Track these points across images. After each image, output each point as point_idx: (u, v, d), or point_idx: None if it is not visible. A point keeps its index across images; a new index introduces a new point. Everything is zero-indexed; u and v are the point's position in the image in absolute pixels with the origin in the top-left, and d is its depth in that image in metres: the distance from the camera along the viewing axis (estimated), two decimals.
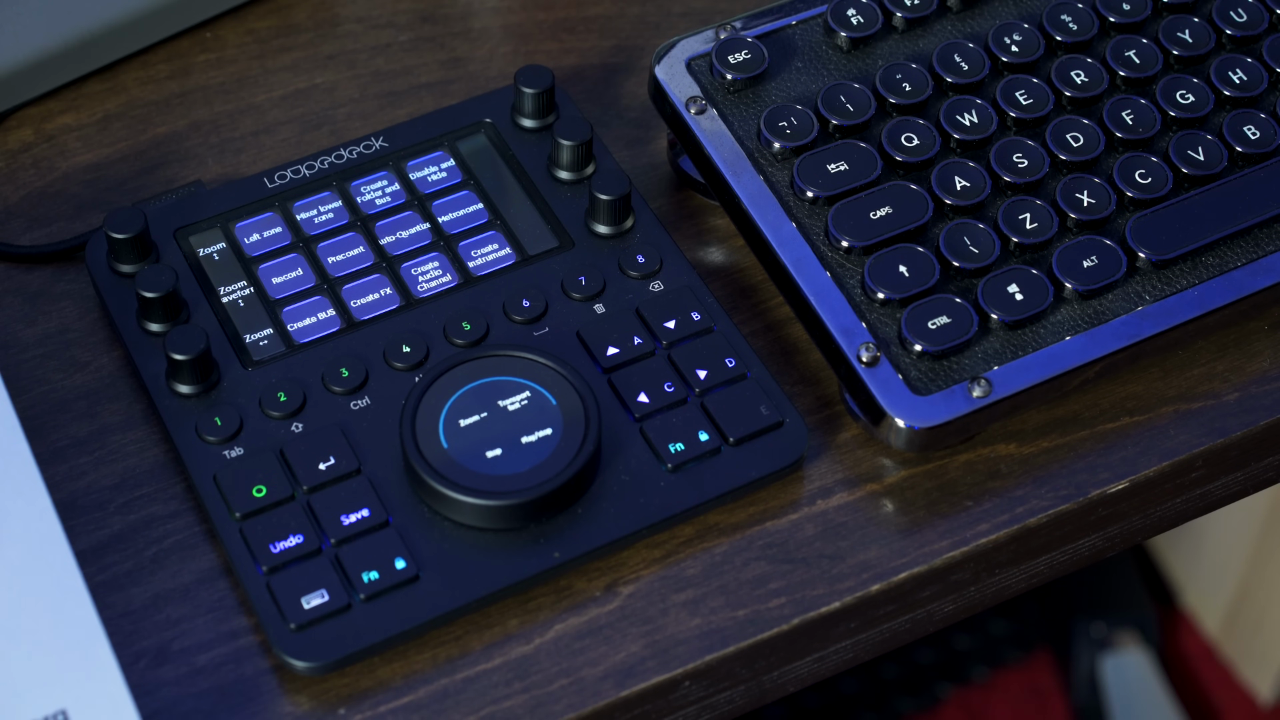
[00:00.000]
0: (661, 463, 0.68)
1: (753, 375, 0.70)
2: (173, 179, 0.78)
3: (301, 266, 0.73)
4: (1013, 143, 0.73)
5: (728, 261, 0.76)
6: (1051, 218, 0.71)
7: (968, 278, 0.70)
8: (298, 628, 0.64)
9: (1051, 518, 0.69)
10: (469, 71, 0.83)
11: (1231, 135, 0.74)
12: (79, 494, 0.69)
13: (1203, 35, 0.76)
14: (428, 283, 0.73)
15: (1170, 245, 0.71)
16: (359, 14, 0.85)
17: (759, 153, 0.73)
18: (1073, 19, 0.76)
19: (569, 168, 0.75)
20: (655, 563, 0.67)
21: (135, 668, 0.64)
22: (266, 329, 0.71)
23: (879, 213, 0.71)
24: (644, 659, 0.65)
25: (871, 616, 0.68)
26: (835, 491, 0.69)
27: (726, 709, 0.68)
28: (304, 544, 0.65)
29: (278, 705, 0.64)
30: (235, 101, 0.81)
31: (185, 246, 0.74)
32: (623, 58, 0.83)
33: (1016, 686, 1.45)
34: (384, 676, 0.64)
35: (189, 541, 0.68)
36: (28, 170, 0.79)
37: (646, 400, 0.69)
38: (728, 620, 0.66)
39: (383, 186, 0.76)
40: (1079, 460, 0.70)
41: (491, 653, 0.65)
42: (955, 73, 0.75)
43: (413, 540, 0.66)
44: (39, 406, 0.71)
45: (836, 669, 0.69)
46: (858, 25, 0.76)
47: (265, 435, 0.68)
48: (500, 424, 0.67)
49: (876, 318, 0.69)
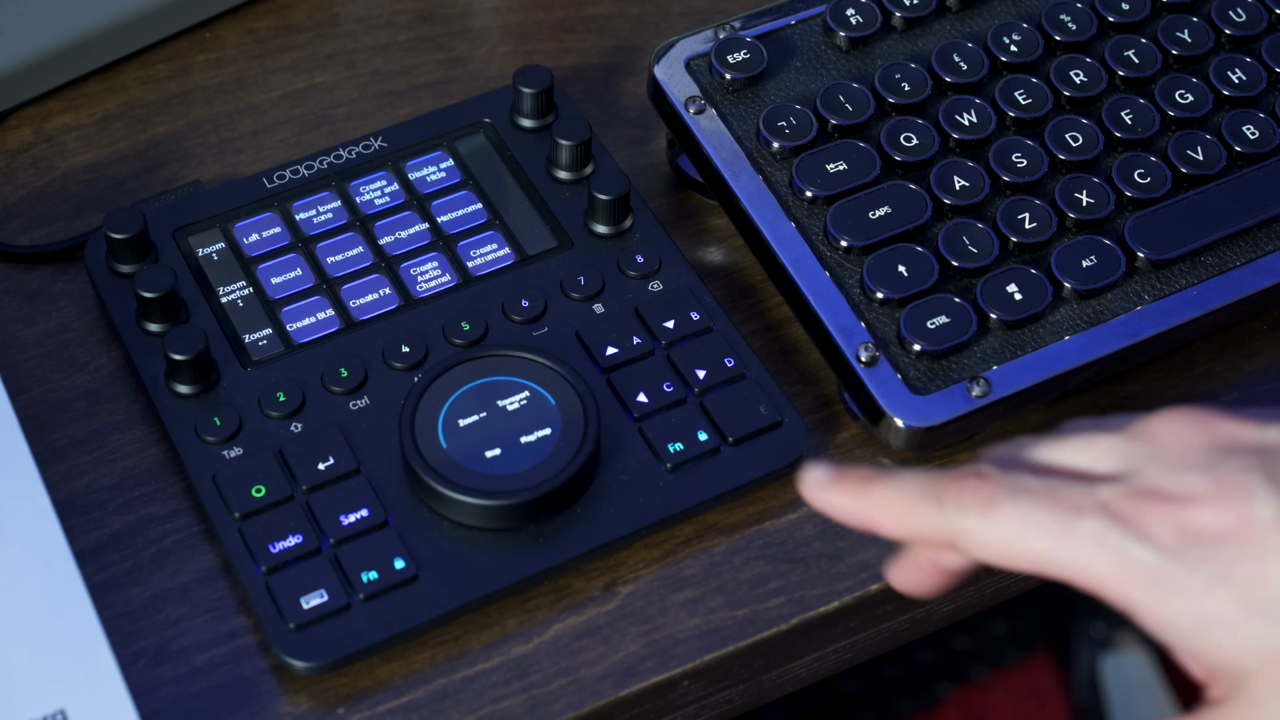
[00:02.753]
0: (661, 463, 0.68)
1: (752, 375, 0.70)
2: (172, 179, 0.78)
3: (301, 266, 0.73)
4: (1012, 142, 0.73)
5: (727, 261, 0.76)
6: (1050, 217, 0.71)
7: (967, 277, 0.70)
8: (297, 628, 0.64)
9: None
10: (468, 71, 0.83)
11: (1230, 135, 0.74)
12: (78, 494, 0.69)
13: (1202, 35, 0.76)
14: (427, 283, 0.73)
15: (1169, 245, 0.71)
16: (358, 14, 0.85)
17: (758, 152, 0.73)
18: (1072, 19, 0.76)
19: (568, 168, 0.75)
20: (654, 562, 0.67)
21: (134, 667, 0.64)
22: (266, 329, 0.71)
23: (878, 212, 0.71)
24: (643, 659, 0.65)
25: (870, 616, 0.68)
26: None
27: (725, 709, 0.68)
28: (303, 544, 0.65)
29: (277, 705, 0.64)
30: (234, 101, 0.81)
31: (184, 246, 0.74)
32: (622, 58, 0.83)
33: (1016, 686, 1.44)
34: (383, 676, 0.64)
35: (188, 541, 0.68)
36: (27, 170, 0.79)
37: (646, 400, 0.69)
38: (727, 620, 0.66)
39: (382, 186, 0.76)
40: None
41: (490, 653, 0.65)
42: (954, 72, 0.75)
43: (412, 540, 0.66)
44: (38, 406, 0.71)
45: (835, 669, 0.69)
46: (857, 25, 0.76)
47: (264, 435, 0.68)
48: (499, 424, 0.67)
49: (875, 317, 0.69)
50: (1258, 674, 0.51)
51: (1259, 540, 0.51)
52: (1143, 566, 0.51)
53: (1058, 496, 0.53)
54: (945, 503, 0.54)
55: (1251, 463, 0.52)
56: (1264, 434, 0.53)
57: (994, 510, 0.53)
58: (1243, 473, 0.52)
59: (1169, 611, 0.51)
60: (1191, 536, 0.51)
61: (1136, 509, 0.52)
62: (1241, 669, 0.51)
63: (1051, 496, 0.53)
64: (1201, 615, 0.51)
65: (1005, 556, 0.53)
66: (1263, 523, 0.51)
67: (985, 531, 0.53)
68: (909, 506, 0.55)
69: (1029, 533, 0.53)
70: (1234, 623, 0.51)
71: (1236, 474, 0.52)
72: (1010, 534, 0.53)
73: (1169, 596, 0.51)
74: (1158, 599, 0.51)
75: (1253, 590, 0.51)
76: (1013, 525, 0.53)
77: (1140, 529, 0.52)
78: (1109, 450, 0.54)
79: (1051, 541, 0.52)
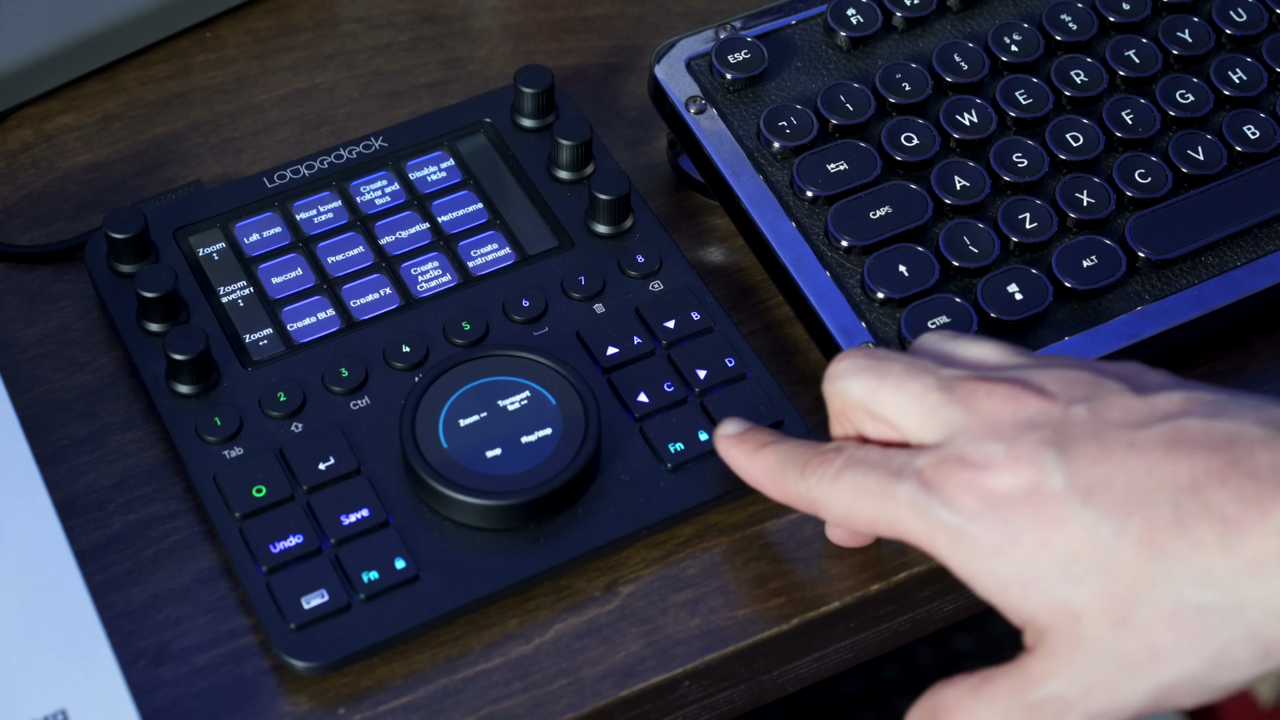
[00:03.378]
0: (661, 463, 0.68)
1: (752, 375, 0.70)
2: (172, 179, 0.78)
3: (301, 266, 0.73)
4: (1012, 142, 0.73)
5: (727, 261, 0.76)
6: (1051, 217, 0.71)
7: (967, 277, 0.70)
8: (297, 628, 0.64)
9: None
10: (469, 71, 0.83)
11: (1231, 135, 0.74)
12: (79, 494, 0.69)
13: (1202, 35, 0.76)
14: (427, 282, 0.73)
15: (1170, 245, 0.71)
16: (359, 14, 0.85)
17: (759, 152, 0.73)
18: (1072, 19, 0.76)
19: (569, 168, 0.75)
20: (655, 563, 0.67)
21: (135, 667, 0.64)
22: (266, 329, 0.71)
23: (879, 212, 0.71)
24: (643, 659, 0.65)
25: (871, 616, 0.68)
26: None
27: (726, 709, 0.68)
28: (304, 544, 0.65)
29: (277, 705, 0.64)
30: (235, 101, 0.81)
31: (185, 246, 0.74)
32: (622, 58, 0.83)
33: None
34: (384, 676, 0.64)
35: (189, 541, 0.68)
36: (27, 170, 0.79)
37: (646, 400, 0.69)
38: (727, 620, 0.66)
39: (382, 186, 0.76)
40: None
41: (491, 653, 0.65)
42: (955, 72, 0.75)
43: (412, 540, 0.66)
44: (39, 406, 0.71)
45: (836, 669, 0.69)
46: (857, 25, 0.76)
47: (265, 435, 0.68)
48: (500, 424, 0.67)
49: (876, 317, 0.69)
50: (1052, 629, 0.56)
51: (1045, 508, 0.56)
52: (946, 527, 0.57)
53: (886, 465, 0.59)
54: (806, 473, 0.61)
55: (1046, 436, 0.56)
56: (1067, 412, 0.57)
57: (838, 479, 0.60)
58: (1038, 446, 0.56)
59: (971, 568, 0.57)
60: (989, 501, 0.56)
61: (943, 475, 0.57)
62: (1039, 624, 0.56)
63: (881, 465, 0.59)
64: (998, 574, 0.56)
65: (846, 519, 0.60)
66: (1050, 492, 0.56)
67: (829, 497, 0.60)
68: (782, 473, 0.62)
69: (859, 498, 0.59)
70: (1026, 582, 0.56)
71: (1032, 447, 0.56)
72: (848, 499, 0.60)
73: (970, 555, 0.57)
74: (962, 558, 0.57)
75: (1041, 553, 0.55)
76: (848, 491, 0.60)
77: (944, 494, 0.57)
78: (934, 412, 0.59)
79: (876, 504, 0.59)
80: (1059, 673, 0.56)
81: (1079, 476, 0.55)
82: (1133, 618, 0.54)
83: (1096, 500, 0.55)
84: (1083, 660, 0.55)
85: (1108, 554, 0.55)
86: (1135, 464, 0.55)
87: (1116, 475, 0.55)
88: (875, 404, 0.60)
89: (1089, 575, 0.55)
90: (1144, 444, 0.55)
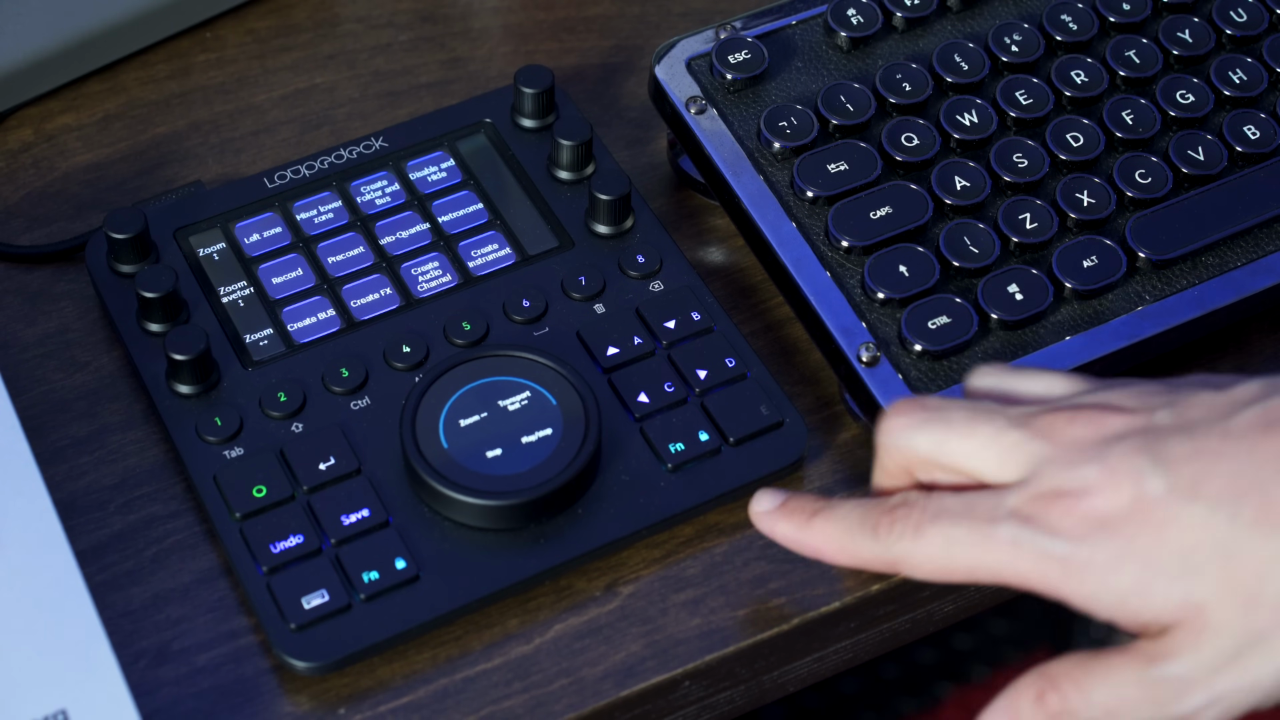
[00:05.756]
0: (661, 463, 0.68)
1: (753, 375, 0.70)
2: (172, 179, 0.78)
3: (301, 266, 0.73)
4: (1013, 142, 0.73)
5: (728, 261, 0.76)
6: (1051, 217, 0.71)
7: (968, 277, 0.70)
8: (298, 628, 0.64)
9: None
10: (469, 71, 0.83)
11: (1231, 135, 0.74)
12: (79, 494, 0.69)
13: (1203, 35, 0.76)
14: (428, 283, 0.73)
15: (1170, 245, 0.71)
16: (359, 14, 0.85)
17: (759, 152, 0.73)
18: (1073, 19, 0.76)
19: (569, 168, 0.75)
20: (655, 563, 0.67)
21: (135, 667, 0.64)
22: (266, 329, 0.71)
23: (879, 212, 0.71)
24: (644, 659, 0.65)
25: (871, 616, 0.68)
26: (835, 491, 0.69)
27: (726, 709, 0.68)
28: (304, 544, 0.65)
29: (278, 705, 0.64)
30: (235, 101, 0.81)
31: (185, 246, 0.74)
32: (623, 58, 0.83)
33: None
34: (384, 676, 0.64)
35: (189, 541, 0.68)
36: (28, 170, 0.79)
37: (646, 400, 0.69)
38: (728, 620, 0.66)
39: (383, 186, 0.76)
40: None
41: (491, 653, 0.65)
42: (955, 73, 0.75)
43: (413, 540, 0.66)
44: (39, 406, 0.71)
45: (836, 669, 0.69)
46: (858, 25, 0.76)
47: (265, 435, 0.68)
48: (500, 424, 0.67)
49: (876, 317, 0.69)
50: (1175, 624, 0.56)
51: (1152, 513, 0.56)
52: (1056, 557, 0.57)
53: (974, 511, 0.58)
54: (880, 533, 0.60)
55: (1137, 445, 0.57)
56: (1151, 420, 0.58)
57: (922, 534, 0.59)
58: (1131, 456, 0.57)
59: (1088, 590, 0.57)
60: (1094, 522, 0.56)
61: (1042, 507, 0.57)
62: (1161, 623, 0.56)
63: (968, 513, 0.58)
64: (1115, 589, 0.56)
65: (941, 573, 0.59)
66: (1154, 498, 0.56)
67: (918, 554, 0.59)
68: (850, 538, 0.61)
69: (954, 549, 0.59)
70: (1144, 588, 0.56)
71: (1125, 459, 0.57)
72: (939, 553, 0.59)
73: (1085, 579, 0.57)
74: (1077, 583, 0.57)
75: (1154, 556, 0.56)
76: (939, 544, 0.59)
77: (1048, 525, 0.57)
78: (1013, 451, 0.59)
79: (975, 553, 0.58)
80: (1183, 654, 0.56)
81: (1180, 476, 0.56)
82: (1262, 595, 0.55)
83: (1203, 493, 0.55)
84: (1210, 643, 0.55)
85: (1225, 540, 0.55)
86: (1234, 450, 0.56)
87: (1217, 465, 0.56)
88: (944, 455, 0.60)
89: (1208, 565, 0.55)
90: (1239, 430, 0.56)
